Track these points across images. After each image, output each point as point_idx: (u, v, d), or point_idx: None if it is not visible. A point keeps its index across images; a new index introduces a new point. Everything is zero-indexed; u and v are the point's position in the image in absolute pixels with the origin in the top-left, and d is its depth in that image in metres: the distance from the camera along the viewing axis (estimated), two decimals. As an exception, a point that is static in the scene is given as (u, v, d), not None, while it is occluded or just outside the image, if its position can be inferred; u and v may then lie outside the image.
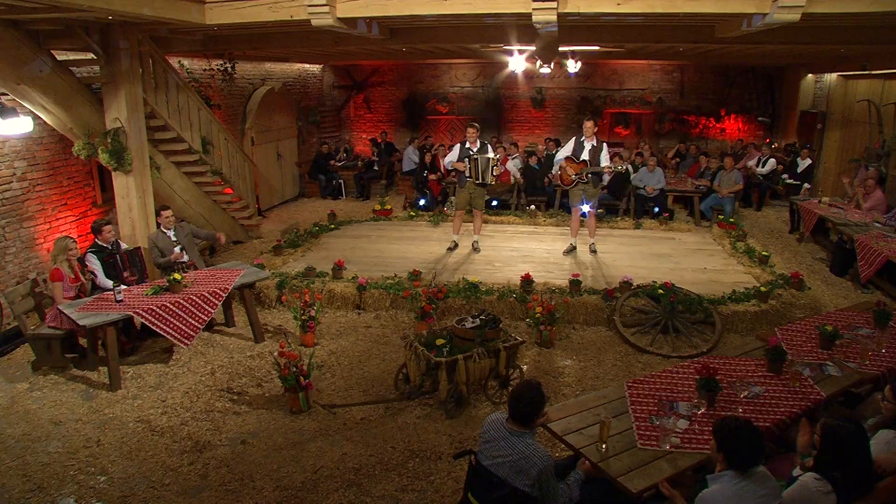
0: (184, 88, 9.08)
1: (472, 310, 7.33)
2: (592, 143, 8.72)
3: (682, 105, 15.31)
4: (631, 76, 15.38)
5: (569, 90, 15.80)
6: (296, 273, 8.09)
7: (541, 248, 9.52)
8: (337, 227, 10.62)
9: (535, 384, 3.45)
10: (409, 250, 9.35)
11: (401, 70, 16.38)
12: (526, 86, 15.91)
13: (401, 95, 16.61)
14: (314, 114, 15.38)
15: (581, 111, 15.61)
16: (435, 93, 16.40)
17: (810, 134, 13.33)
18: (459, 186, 9.09)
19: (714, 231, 10.25)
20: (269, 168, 13.60)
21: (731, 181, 11.28)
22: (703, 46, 10.34)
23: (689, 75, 15.15)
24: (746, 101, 15.02)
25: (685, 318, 6.89)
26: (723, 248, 9.37)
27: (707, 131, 15.25)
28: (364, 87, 16.66)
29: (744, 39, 8.17)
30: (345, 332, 7.13)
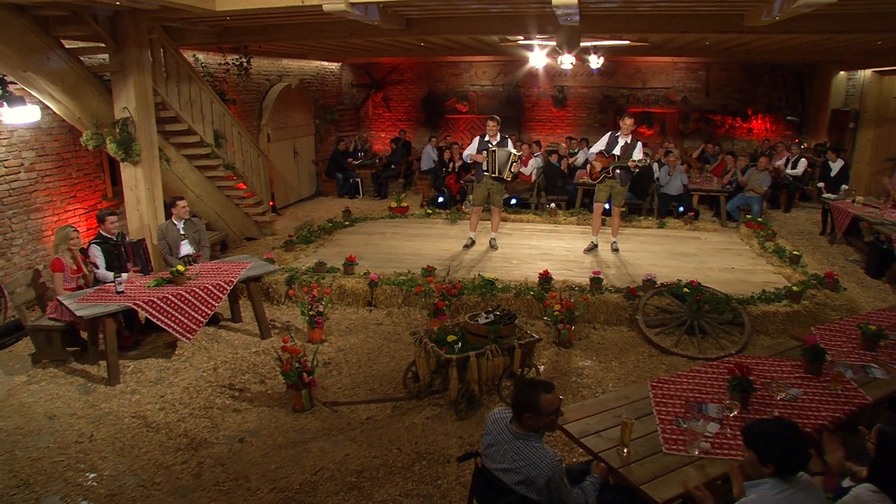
0: (196, 80, 8.88)
1: (486, 307, 7.00)
2: (626, 140, 8.36)
3: (707, 104, 14.82)
4: (655, 74, 14.95)
5: (591, 89, 15.41)
6: (306, 268, 7.83)
7: (560, 246, 9.16)
8: (351, 223, 10.36)
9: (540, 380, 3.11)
10: (424, 247, 9.05)
11: (420, 68, 16.12)
12: (547, 84, 15.55)
13: (420, 94, 16.34)
14: (332, 112, 15.17)
15: (604, 110, 15.22)
16: (454, 91, 16.11)
17: (842, 133, 12.79)
18: (476, 181, 8.77)
19: (741, 231, 9.79)
20: (285, 165, 13.40)
21: (759, 181, 10.81)
22: (730, 39, 9.94)
23: (715, 73, 14.67)
24: (774, 100, 14.50)
25: (712, 318, 6.50)
26: (751, 248, 8.93)
27: (733, 131, 14.75)
28: (383, 85, 16.42)
29: (775, 28, 7.76)
30: (354, 329, 6.84)
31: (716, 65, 14.53)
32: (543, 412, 2.91)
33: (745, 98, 14.59)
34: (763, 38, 9.76)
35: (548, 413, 2.93)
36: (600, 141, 8.67)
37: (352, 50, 12.79)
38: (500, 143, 8.53)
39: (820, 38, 9.54)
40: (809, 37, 9.36)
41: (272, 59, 12.76)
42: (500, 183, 8.73)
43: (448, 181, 12.38)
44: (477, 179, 8.75)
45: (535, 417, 2.92)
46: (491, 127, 8.57)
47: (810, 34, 8.02)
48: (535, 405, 2.90)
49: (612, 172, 8.39)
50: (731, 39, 9.84)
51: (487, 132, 8.59)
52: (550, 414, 2.95)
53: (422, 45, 11.67)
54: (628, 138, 8.37)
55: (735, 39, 9.79)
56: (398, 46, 12.00)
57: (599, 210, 8.77)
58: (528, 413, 2.92)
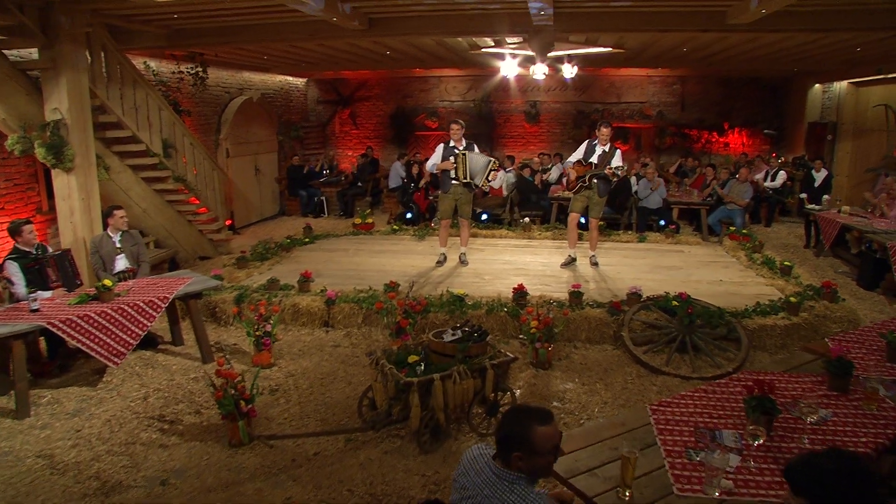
0: (143, 85, 8.14)
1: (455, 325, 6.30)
2: (604, 149, 7.81)
3: (683, 118, 14.44)
4: (629, 88, 14.55)
5: (564, 104, 14.96)
6: (258, 286, 7.06)
7: (536, 261, 8.51)
8: (312, 240, 9.61)
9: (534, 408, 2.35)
10: (389, 263, 8.34)
11: (388, 84, 15.55)
12: (519, 99, 15.07)
13: (388, 110, 15.74)
14: (297, 128, 14.48)
15: (577, 125, 14.75)
16: (424, 107, 15.54)
17: (819, 146, 12.46)
18: (443, 192, 8.11)
19: (726, 243, 9.26)
20: (246, 183, 12.63)
21: (741, 193, 10.34)
22: (710, 44, 9.53)
23: (691, 87, 14.32)
24: (751, 114, 14.16)
25: (705, 333, 5.86)
26: (737, 260, 8.38)
27: (710, 146, 14.35)
28: (350, 101, 15.79)
29: (758, 27, 7.30)
30: (308, 352, 6.07)
31: (691, 78, 14.19)
32: (538, 450, 2.19)
33: (721, 112, 14.24)
34: (742, 44, 9.36)
35: (544, 452, 2.20)
36: (577, 150, 8.11)
37: (316, 62, 12.16)
38: (467, 149, 7.91)
39: (800, 44, 9.15)
40: (790, 41, 8.97)
41: (232, 71, 12.07)
42: (468, 192, 8.09)
43: (416, 197, 11.72)
44: (443, 190, 8.09)
45: (526, 457, 2.19)
46: (455, 131, 7.94)
47: (794, 32, 7.57)
48: (528, 441, 2.20)
49: (590, 182, 7.81)
50: (710, 44, 9.41)
51: (451, 137, 7.97)
52: (547, 453, 2.22)
53: (388, 55, 11.09)
54: (606, 147, 7.82)
55: (715, 44, 9.36)
56: (364, 56, 11.41)
57: (575, 221, 8.17)
58: (519, 451, 2.19)
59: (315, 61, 12.05)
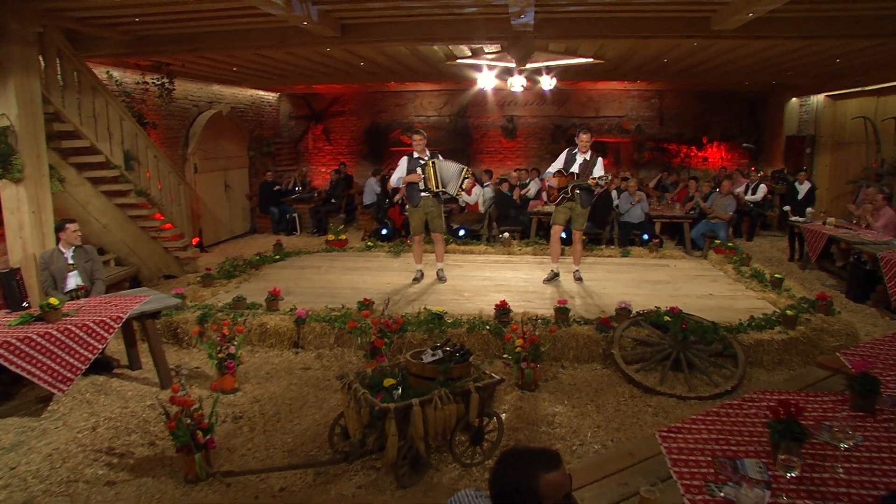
0: (102, 93, 7.68)
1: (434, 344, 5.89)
2: (585, 157, 7.51)
3: (661, 133, 14.31)
4: (607, 103, 14.40)
5: (541, 118, 14.75)
6: (223, 305, 6.59)
7: (517, 276, 8.15)
8: (282, 257, 9.15)
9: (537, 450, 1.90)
10: (363, 281, 7.91)
11: (362, 99, 15.21)
12: (496, 114, 14.84)
13: (362, 126, 15.39)
14: (268, 144, 14.03)
15: (555, 140, 14.53)
16: (399, 123, 15.21)
17: (798, 159, 12.37)
18: (412, 206, 7.69)
19: (711, 257, 9.00)
20: (215, 199, 12.13)
21: (724, 206, 10.12)
22: (691, 54, 9.36)
23: (669, 101, 14.21)
24: (729, 128, 14.07)
25: (699, 349, 5.53)
26: (725, 274, 8.10)
27: (689, 160, 14.22)
28: (323, 117, 15.42)
29: (745, 33, 7.12)
30: (276, 375, 5.61)
31: (669, 92, 14.07)
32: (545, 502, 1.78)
33: (699, 126, 14.13)
34: (723, 55, 9.21)
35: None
36: (557, 160, 7.80)
37: (288, 74, 11.79)
38: (432, 158, 7.54)
39: (780, 54, 9.03)
40: (770, 51, 8.84)
41: (201, 84, 11.63)
42: (439, 205, 7.71)
43: (391, 213, 11.33)
44: (412, 203, 7.68)
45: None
46: (417, 141, 7.53)
47: (779, 39, 7.39)
48: (533, 494, 1.77)
49: (572, 193, 7.50)
50: (691, 54, 9.24)
51: (414, 148, 7.57)
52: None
53: (361, 66, 10.75)
54: (587, 155, 7.52)
55: (696, 54, 9.19)
56: (336, 69, 11.07)
57: (558, 234, 7.83)
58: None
59: (286, 74, 11.67)
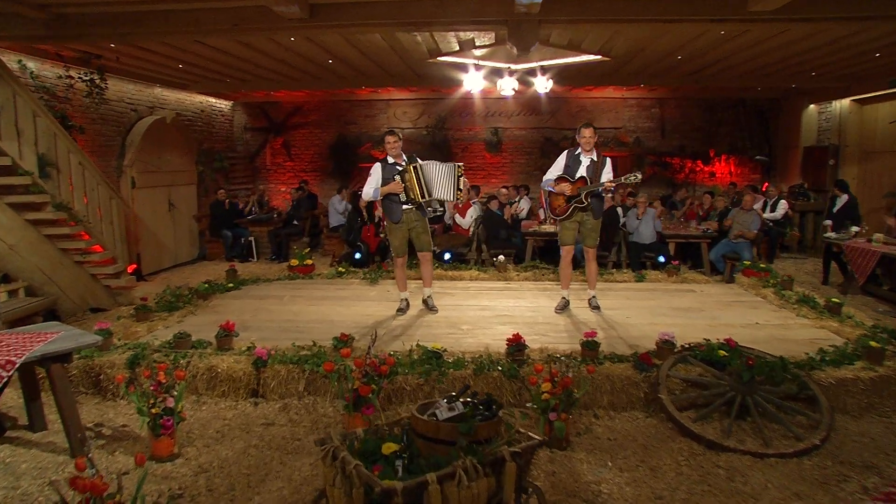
0: (8, 80, 6.66)
1: (433, 392, 4.93)
2: (591, 158, 6.70)
3: (663, 146, 13.68)
4: (603, 113, 13.76)
5: (530, 130, 14.03)
6: (161, 343, 5.53)
7: (521, 306, 7.25)
8: (237, 286, 8.11)
9: None
10: (336, 312, 6.92)
11: (328, 108, 14.33)
12: (479, 126, 14.08)
13: (328, 139, 14.48)
14: (220, 158, 13.02)
15: (545, 154, 13.78)
16: (369, 135, 14.33)
17: (819, 172, 11.83)
18: (392, 222, 6.75)
19: (741, 280, 8.23)
20: (156, 220, 11.03)
21: (748, 223, 9.42)
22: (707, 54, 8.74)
23: (671, 111, 13.62)
24: (738, 140, 13.51)
25: (767, 391, 4.66)
26: (765, 299, 7.32)
27: (694, 175, 13.59)
28: (283, 128, 14.47)
29: (786, 14, 6.44)
30: (229, 435, 4.56)
31: (671, 101, 13.50)
32: None
33: (704, 138, 13.55)
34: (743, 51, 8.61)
35: None
36: (555, 165, 6.89)
37: (243, 76, 10.86)
38: (411, 162, 6.61)
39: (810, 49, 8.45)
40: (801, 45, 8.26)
41: (140, 85, 10.62)
42: (424, 218, 6.80)
43: (365, 234, 10.37)
44: (392, 219, 6.74)
45: None
46: (392, 144, 6.58)
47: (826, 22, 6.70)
48: None
49: (586, 200, 6.67)
50: (711, 49, 8.60)
51: (388, 152, 6.65)
52: None
53: (330, 64, 9.88)
54: (593, 154, 6.71)
55: (717, 49, 8.57)
56: (300, 70, 10.20)
57: (569, 255, 6.97)
58: None
59: (242, 76, 10.76)
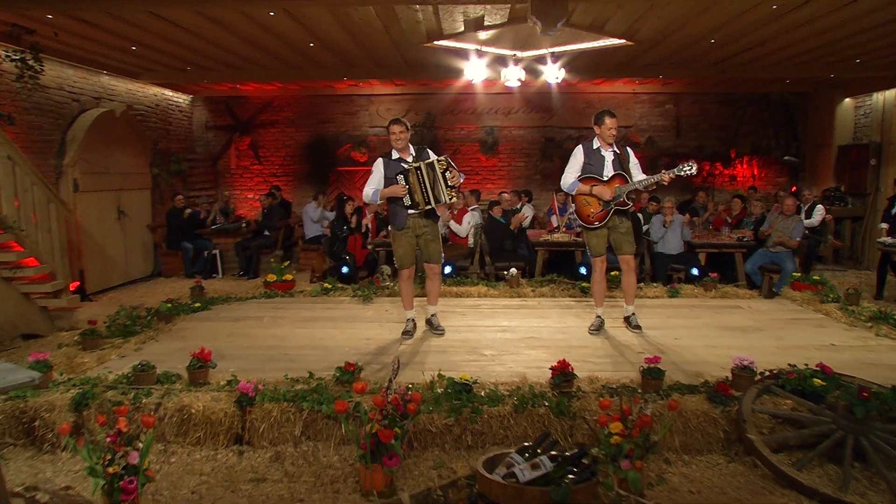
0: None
1: (465, 434, 4.22)
2: (614, 150, 6.13)
3: (678, 146, 13.20)
4: (612, 109, 13.21)
5: (529, 129, 13.45)
6: (117, 378, 4.73)
7: (547, 326, 6.57)
8: (204, 305, 7.31)
9: None
10: (328, 336, 6.18)
11: (302, 105, 13.62)
12: (472, 124, 13.48)
13: (302, 139, 13.76)
14: (178, 160, 12.19)
15: (547, 157, 13.26)
16: (349, 135, 13.66)
17: (858, 173, 11.41)
18: (395, 228, 6.06)
19: (790, 294, 7.66)
20: (104, 230, 10.16)
21: (789, 230, 8.87)
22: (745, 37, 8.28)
23: (687, 107, 13.16)
24: (761, 139, 13.09)
25: (885, 430, 4.03)
26: (829, 316, 6.75)
27: (712, 179, 13.11)
28: (251, 127, 13.70)
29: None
30: (209, 496, 3.77)
31: (687, 96, 13.05)
32: None
33: (724, 138, 13.11)
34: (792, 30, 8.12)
35: None
36: (572, 164, 6.20)
37: (207, 63, 10.11)
38: (420, 158, 5.93)
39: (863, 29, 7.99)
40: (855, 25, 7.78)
41: (85, 72, 9.80)
42: (434, 224, 6.15)
43: (351, 246, 9.63)
44: (396, 226, 6.04)
45: None
46: (397, 135, 5.85)
47: None
48: None
49: (629, 201, 6.08)
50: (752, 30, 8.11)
51: (394, 145, 5.94)
52: None
53: (311, 49, 9.16)
54: (615, 147, 6.15)
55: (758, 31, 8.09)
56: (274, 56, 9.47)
57: (603, 268, 6.35)
58: None
59: (205, 62, 9.99)
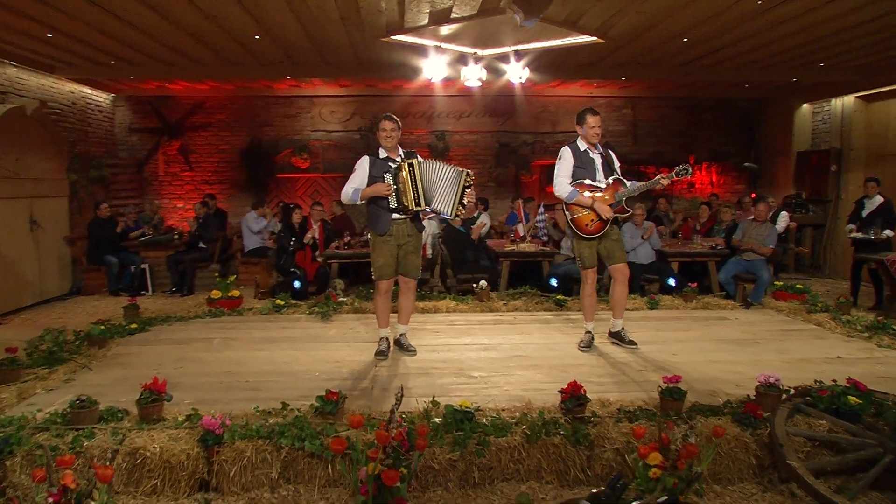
0: None
1: (471, 469, 3.81)
2: (599, 151, 5.98)
3: (636, 152, 13.15)
4: (567, 114, 13.06)
5: (482, 134, 13.15)
6: (49, 416, 4.09)
7: (532, 342, 6.20)
8: (142, 327, 6.65)
9: None
10: (292, 359, 5.65)
11: (238, 107, 12.96)
12: (422, 129, 13.10)
13: (238, 144, 13.08)
14: (99, 165, 11.36)
15: (501, 163, 13.01)
16: (290, 140, 13.08)
17: (819, 180, 11.54)
18: (376, 233, 5.64)
19: (773, 304, 7.56)
20: (13, 242, 9.26)
21: (762, 238, 8.80)
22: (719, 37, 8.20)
23: (644, 112, 13.12)
24: (719, 145, 13.17)
25: (930, 451, 3.82)
26: (822, 326, 6.63)
27: (671, 187, 13.11)
28: (180, 130, 12.94)
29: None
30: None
31: (645, 100, 13.00)
32: None
33: (683, 144, 13.13)
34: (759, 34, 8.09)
35: None
36: (562, 168, 5.86)
37: (136, 59, 9.42)
38: (409, 158, 5.57)
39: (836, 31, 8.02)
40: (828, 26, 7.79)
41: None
42: (418, 233, 5.77)
43: (300, 258, 9.07)
44: (378, 230, 5.60)
45: None
46: (388, 132, 5.54)
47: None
48: None
49: (629, 208, 6.07)
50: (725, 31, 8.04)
51: (382, 143, 5.60)
52: None
53: (255, 42, 8.60)
54: (599, 148, 6.01)
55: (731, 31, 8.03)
56: (213, 48, 8.87)
57: (594, 280, 6.10)
58: None
59: (133, 55, 9.29)
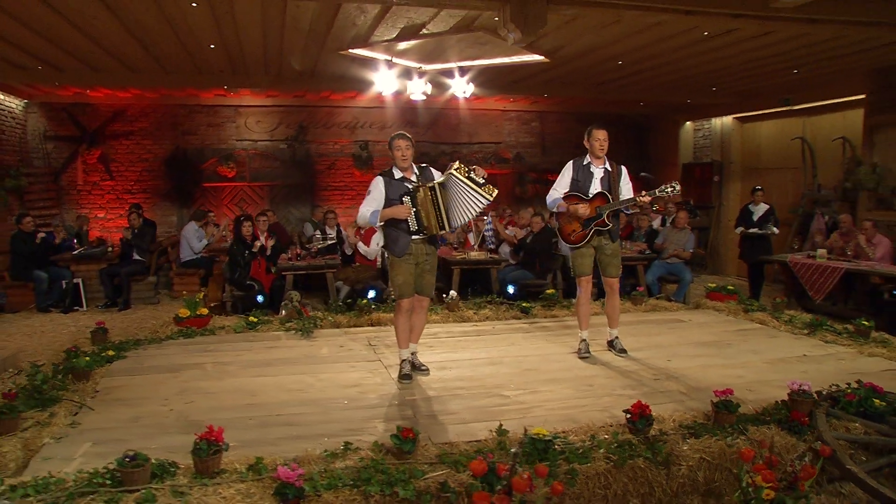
0: None
1: (562, 499, 3.39)
2: (605, 167, 5.69)
3: (544, 162, 13.10)
4: (482, 126, 12.80)
5: (403, 145, 12.61)
6: (86, 479, 3.21)
7: (530, 354, 5.80)
8: (117, 353, 5.64)
9: None
10: (306, 386, 4.93)
11: (161, 115, 11.66)
12: (346, 138, 12.37)
13: (161, 153, 11.78)
14: (15, 175, 9.81)
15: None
16: (215, 149, 11.94)
17: (704, 189, 11.97)
18: (394, 255, 5.08)
19: (711, 304, 7.60)
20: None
21: (682, 242, 8.95)
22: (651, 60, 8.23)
23: (551, 125, 13.09)
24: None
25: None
26: (766, 325, 6.70)
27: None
28: (100, 138, 11.45)
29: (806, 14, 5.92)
30: None
31: (551, 114, 12.97)
32: None
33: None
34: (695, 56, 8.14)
35: None
36: (560, 179, 5.75)
37: (67, 65, 8.13)
38: (423, 177, 5.09)
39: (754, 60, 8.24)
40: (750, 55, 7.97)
41: None
42: (434, 253, 5.26)
43: (255, 271, 8.20)
44: (395, 252, 5.05)
45: None
46: (403, 151, 4.96)
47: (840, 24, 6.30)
48: None
49: (609, 221, 5.59)
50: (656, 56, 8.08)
51: (398, 163, 5.03)
52: None
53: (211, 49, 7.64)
54: (606, 164, 5.74)
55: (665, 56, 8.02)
56: (160, 58, 7.81)
57: (589, 288, 5.80)
58: None
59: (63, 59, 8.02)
